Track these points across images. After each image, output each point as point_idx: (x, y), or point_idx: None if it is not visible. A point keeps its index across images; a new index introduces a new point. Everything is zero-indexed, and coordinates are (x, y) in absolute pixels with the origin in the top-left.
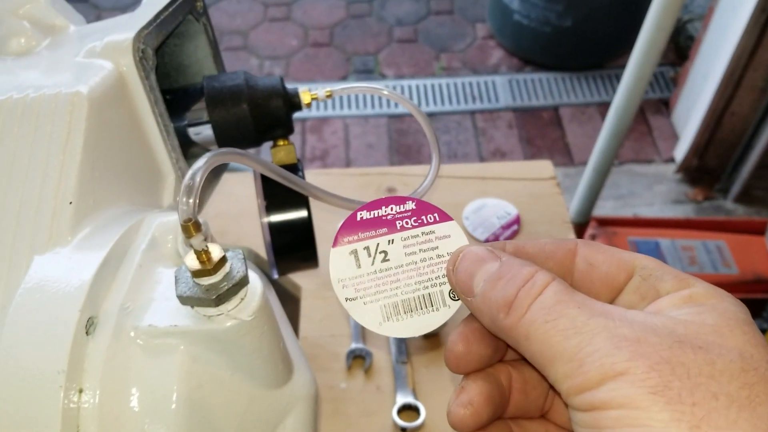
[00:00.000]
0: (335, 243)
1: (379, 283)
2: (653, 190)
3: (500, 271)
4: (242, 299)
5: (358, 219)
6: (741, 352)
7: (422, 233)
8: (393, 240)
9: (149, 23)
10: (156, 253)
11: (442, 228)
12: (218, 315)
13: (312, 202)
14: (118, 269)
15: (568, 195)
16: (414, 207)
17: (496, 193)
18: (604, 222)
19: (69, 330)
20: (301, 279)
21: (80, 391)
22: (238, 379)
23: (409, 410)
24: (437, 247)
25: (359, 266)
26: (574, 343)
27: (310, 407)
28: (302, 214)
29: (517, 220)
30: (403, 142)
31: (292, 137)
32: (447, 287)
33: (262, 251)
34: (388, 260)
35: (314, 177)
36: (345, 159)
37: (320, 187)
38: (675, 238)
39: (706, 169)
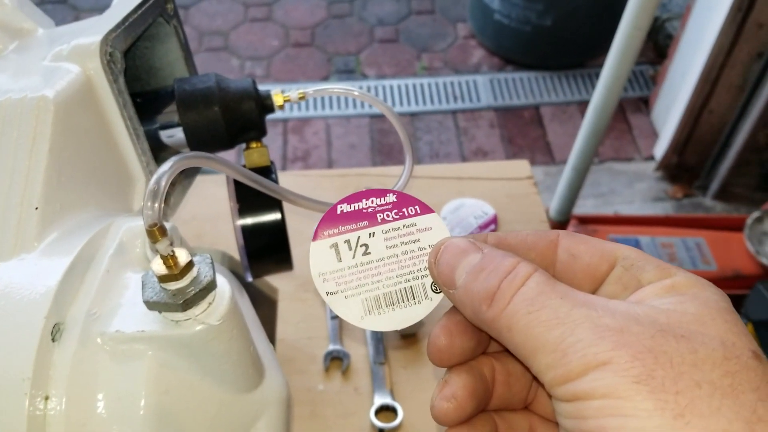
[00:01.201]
0: (315, 236)
1: (360, 277)
2: (633, 188)
3: (482, 262)
4: (210, 303)
5: (338, 212)
6: (723, 341)
7: (403, 226)
8: (374, 233)
9: (117, 26)
10: (124, 258)
11: (423, 220)
12: (186, 320)
13: (286, 204)
14: (85, 275)
15: (549, 193)
16: (395, 199)
17: (474, 193)
18: (584, 220)
19: (34, 337)
20: (278, 281)
21: (46, 398)
22: (208, 384)
23: (386, 411)
24: (419, 240)
25: (340, 260)
26: (556, 334)
27: (282, 411)
28: (275, 216)
29: (494, 220)
30: (385, 142)
31: (273, 137)
32: (429, 280)
33: (238, 254)
34: (369, 253)
35: (292, 179)
36: (327, 159)
37: (291, 190)
38: (655, 236)
39: (685, 166)
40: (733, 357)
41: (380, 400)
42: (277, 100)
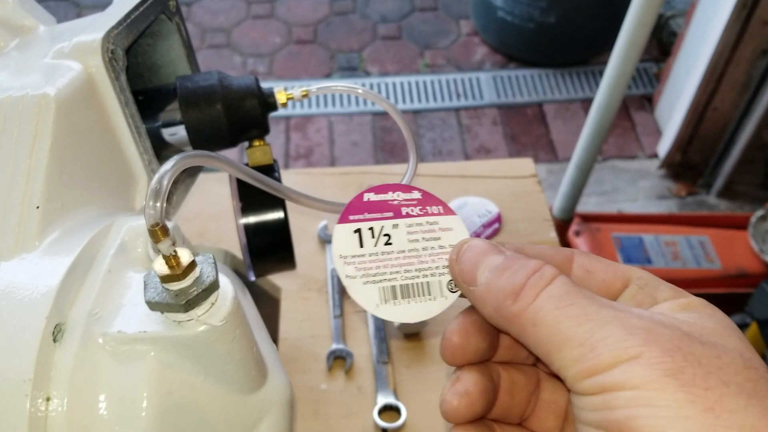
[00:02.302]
0: (341, 219)
1: (380, 265)
2: (637, 186)
3: (506, 262)
4: (213, 304)
5: (365, 200)
6: (741, 353)
7: (426, 222)
8: (397, 225)
9: (119, 23)
10: (126, 257)
11: (445, 220)
12: (188, 320)
13: (289, 203)
14: (86, 274)
15: (552, 191)
16: (420, 197)
17: (477, 191)
18: (588, 218)
19: (35, 337)
20: (281, 280)
21: (48, 399)
22: (210, 385)
23: (390, 411)
24: (440, 238)
25: (362, 245)
26: (585, 329)
27: (285, 412)
28: (278, 215)
29: (498, 219)
30: (387, 140)
31: (275, 135)
32: (446, 278)
33: (240, 253)
34: (391, 244)
35: (294, 177)
36: (329, 157)
37: (294, 188)
38: (658, 234)
39: (689, 164)
40: (752, 368)
41: (383, 399)
42: (280, 98)
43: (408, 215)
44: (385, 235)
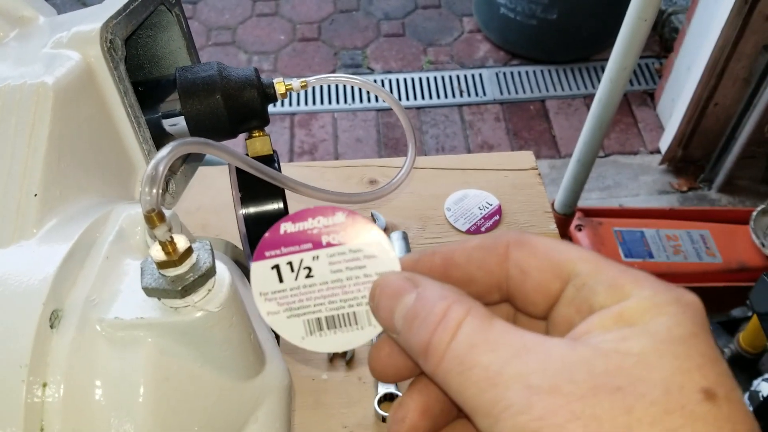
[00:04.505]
0: (256, 257)
1: (302, 299)
2: (638, 181)
3: (415, 307)
4: (210, 290)
5: (282, 232)
6: (667, 387)
7: (349, 251)
8: (318, 256)
9: (118, 13)
10: (124, 244)
11: (371, 246)
12: (185, 306)
13: (289, 193)
14: (84, 261)
15: (554, 186)
16: (344, 220)
17: (478, 184)
18: (589, 213)
19: (32, 323)
20: None
21: (44, 385)
22: (207, 371)
23: (390, 400)
24: (365, 266)
25: (282, 281)
26: (488, 398)
27: (283, 399)
28: (277, 205)
29: (498, 211)
30: (391, 136)
31: (280, 131)
32: None
33: (241, 243)
34: (312, 276)
35: (296, 170)
36: (334, 153)
37: (293, 178)
38: (660, 228)
39: (690, 159)
40: (677, 409)
41: (384, 389)
42: (279, 88)
43: (329, 244)
44: (305, 268)
